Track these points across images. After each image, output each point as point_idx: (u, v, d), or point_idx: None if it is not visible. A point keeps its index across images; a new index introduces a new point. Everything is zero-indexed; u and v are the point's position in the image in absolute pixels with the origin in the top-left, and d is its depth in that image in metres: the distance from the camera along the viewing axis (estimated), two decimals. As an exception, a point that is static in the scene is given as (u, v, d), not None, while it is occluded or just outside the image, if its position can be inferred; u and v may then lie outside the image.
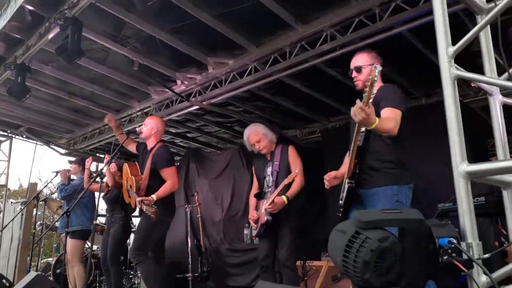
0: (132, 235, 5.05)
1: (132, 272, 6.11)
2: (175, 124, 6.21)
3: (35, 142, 7.17)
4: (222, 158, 6.51)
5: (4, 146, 7.87)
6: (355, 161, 2.37)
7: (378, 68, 2.07)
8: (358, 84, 2.60)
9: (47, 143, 7.28)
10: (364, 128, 2.34)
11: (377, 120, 2.14)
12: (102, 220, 6.03)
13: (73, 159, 5.76)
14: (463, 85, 4.63)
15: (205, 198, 6.12)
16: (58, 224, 5.34)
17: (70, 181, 5.09)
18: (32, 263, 5.77)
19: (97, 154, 7.63)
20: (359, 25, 3.56)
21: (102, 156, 7.47)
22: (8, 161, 7.83)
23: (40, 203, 5.68)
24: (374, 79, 2.07)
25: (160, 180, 3.62)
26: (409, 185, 2.41)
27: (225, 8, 3.56)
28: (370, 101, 2.30)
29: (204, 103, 5.12)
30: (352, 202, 2.45)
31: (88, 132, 6.77)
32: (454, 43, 1.70)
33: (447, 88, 1.63)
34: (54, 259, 5.97)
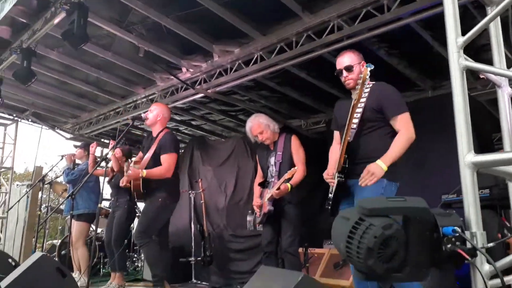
0: (136, 220, 5.12)
1: (135, 255, 6.20)
2: (179, 111, 6.22)
3: (40, 126, 7.21)
4: (227, 146, 6.52)
5: (10, 129, 7.93)
6: (345, 156, 2.41)
7: (370, 66, 2.11)
8: (350, 83, 2.59)
9: (52, 127, 7.32)
10: (355, 125, 2.41)
11: (382, 164, 2.27)
12: (106, 204, 6.09)
13: (78, 143, 5.81)
14: (470, 78, 4.60)
15: (209, 185, 6.15)
16: (63, 207, 5.40)
17: (75, 165, 5.14)
18: (37, 245, 5.85)
19: (102, 140, 7.66)
20: (366, 16, 3.53)
21: (107, 141, 7.50)
22: (14, 144, 7.90)
23: (45, 186, 5.74)
24: (366, 77, 2.10)
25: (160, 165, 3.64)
26: (396, 183, 2.45)
27: (232, -5, 3.54)
28: (362, 99, 2.43)
29: (209, 91, 5.11)
30: (342, 196, 2.49)
31: (94, 118, 6.80)
32: (463, 36, 1.69)
33: (456, 79, 1.63)
34: (59, 241, 6.06)
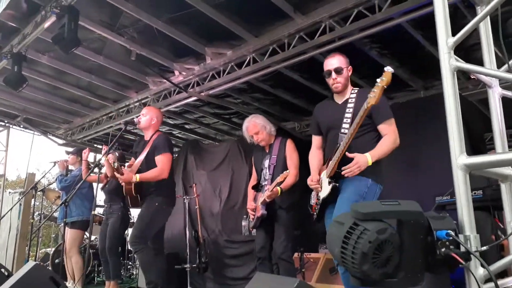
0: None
1: (130, 263, 6.15)
2: (173, 115, 6.18)
3: (32, 132, 7.14)
4: (220, 150, 6.50)
5: (2, 136, 7.85)
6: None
7: (390, 69, 2.06)
8: (338, 87, 2.60)
9: (44, 133, 7.26)
10: (347, 130, 2.42)
11: (369, 157, 2.28)
12: (100, 211, 6.04)
13: (71, 149, 5.74)
14: (461, 78, 4.62)
15: (204, 189, 6.12)
16: (57, 214, 5.34)
17: (68, 171, 5.08)
18: (31, 253, 5.78)
19: (95, 145, 7.60)
20: (358, 16, 3.53)
21: (100, 146, 7.45)
22: (6, 151, 7.82)
23: (38, 193, 5.67)
24: (389, 82, 2.06)
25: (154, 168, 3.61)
26: (381, 186, 2.47)
27: (223, -3, 3.52)
28: (350, 105, 2.49)
29: (202, 94, 5.09)
30: (331, 200, 2.48)
31: (86, 123, 6.74)
32: (454, 35, 1.68)
33: (447, 80, 1.62)
34: (53, 249, 5.99)
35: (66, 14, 3.45)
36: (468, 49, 3.83)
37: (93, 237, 5.91)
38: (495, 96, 1.84)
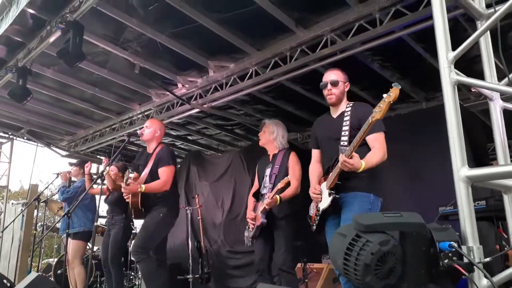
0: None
1: (132, 273, 6.11)
2: (175, 126, 6.22)
3: (36, 144, 7.19)
4: (223, 161, 6.51)
5: (6, 148, 7.90)
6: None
7: (398, 86, 2.07)
8: (332, 98, 2.66)
9: (48, 145, 7.29)
10: (346, 142, 2.46)
11: (363, 163, 2.29)
12: (102, 221, 6.03)
13: (74, 161, 5.77)
14: (463, 89, 4.64)
15: (206, 200, 6.12)
16: (59, 225, 5.35)
17: (71, 183, 5.10)
18: (33, 264, 5.77)
19: (98, 156, 7.63)
20: (359, 30, 3.58)
21: (103, 158, 7.48)
22: (9, 162, 7.86)
23: (41, 204, 5.69)
24: (396, 98, 2.06)
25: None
26: (381, 199, 2.51)
27: (226, 12, 3.58)
28: (346, 117, 2.52)
29: (205, 106, 5.13)
30: (331, 212, 2.50)
31: (89, 134, 6.78)
32: (454, 48, 1.71)
33: (447, 93, 1.64)
34: (55, 260, 5.98)
35: (71, 29, 3.50)
36: (470, 61, 3.86)
37: (95, 248, 5.90)
38: (496, 108, 1.86)
